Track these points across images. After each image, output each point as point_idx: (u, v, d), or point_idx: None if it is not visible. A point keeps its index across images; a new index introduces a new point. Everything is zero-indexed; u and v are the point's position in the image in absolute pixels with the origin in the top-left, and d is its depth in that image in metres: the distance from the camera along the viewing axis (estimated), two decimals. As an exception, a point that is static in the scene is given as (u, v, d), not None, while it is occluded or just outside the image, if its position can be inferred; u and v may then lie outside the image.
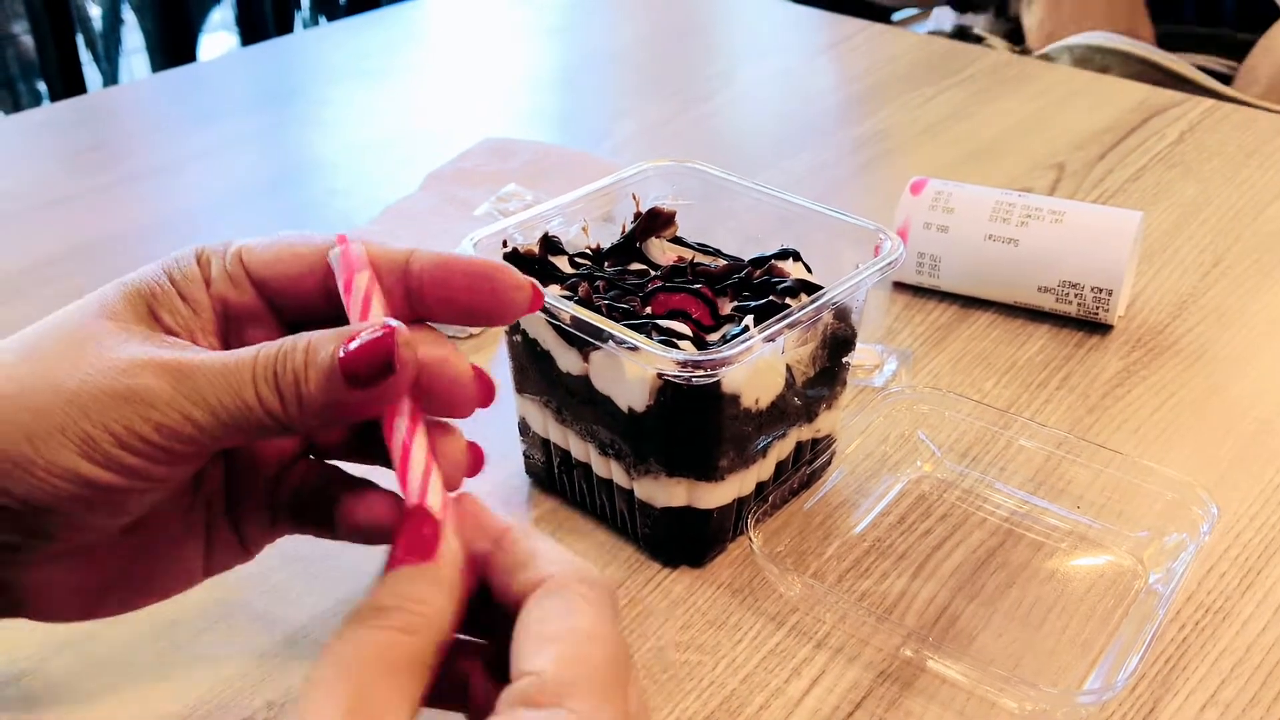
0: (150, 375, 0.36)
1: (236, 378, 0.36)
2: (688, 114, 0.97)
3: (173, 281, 0.39)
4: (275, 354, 0.37)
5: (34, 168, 0.89)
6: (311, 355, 0.36)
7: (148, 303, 0.38)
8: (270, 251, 0.40)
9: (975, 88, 1.00)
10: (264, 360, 0.36)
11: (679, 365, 0.44)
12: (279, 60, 1.14)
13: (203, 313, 0.39)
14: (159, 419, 0.36)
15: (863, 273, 0.50)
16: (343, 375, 0.36)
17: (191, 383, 0.36)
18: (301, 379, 0.36)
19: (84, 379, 0.36)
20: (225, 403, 0.36)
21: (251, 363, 0.36)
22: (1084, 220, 0.66)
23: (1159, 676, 0.46)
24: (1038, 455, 0.56)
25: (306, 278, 0.40)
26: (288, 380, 0.36)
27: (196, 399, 0.36)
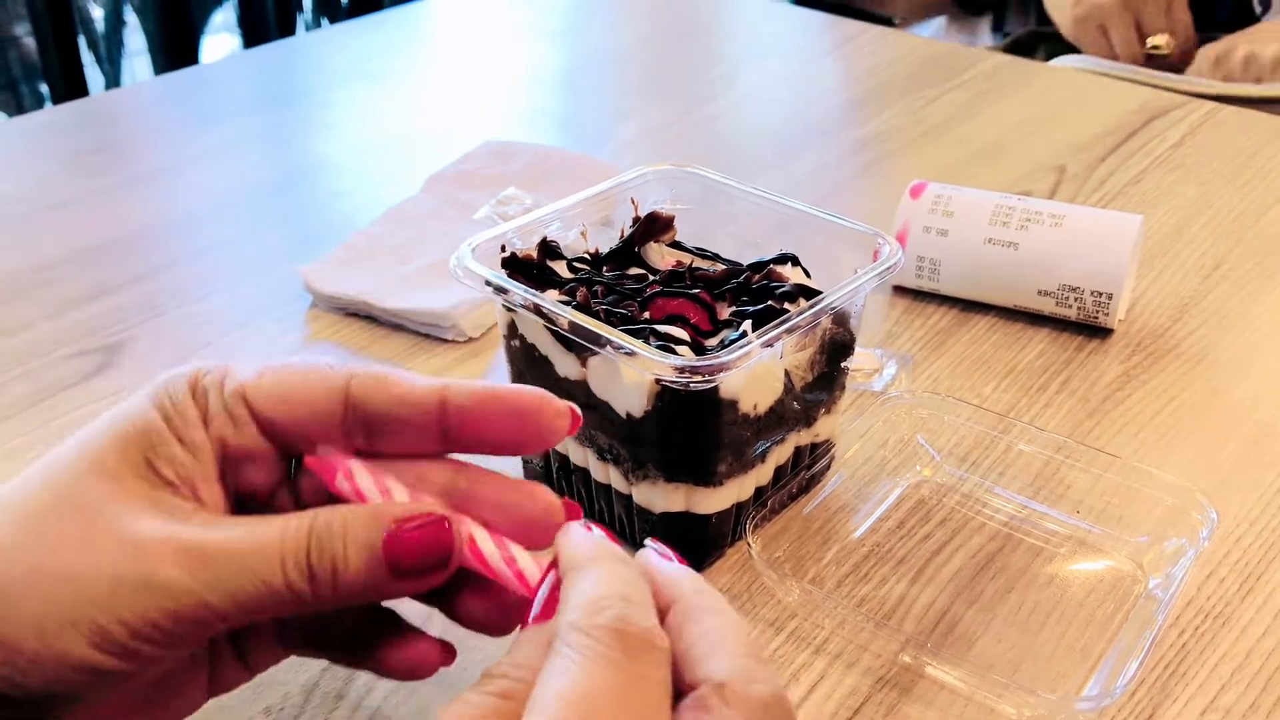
0: (168, 563, 0.34)
1: (262, 563, 0.34)
2: (690, 116, 0.97)
3: (168, 423, 0.37)
4: (307, 538, 0.35)
5: (36, 170, 0.89)
6: (352, 542, 0.35)
7: (144, 454, 0.36)
8: (277, 389, 0.38)
9: (976, 90, 1.00)
10: (293, 544, 0.35)
11: (677, 370, 0.44)
12: (281, 62, 1.14)
13: (203, 458, 0.37)
14: (175, 608, 0.34)
15: (861, 278, 0.50)
16: (387, 566, 0.35)
17: (212, 571, 0.34)
18: (340, 565, 0.35)
19: (94, 565, 0.34)
20: (248, 590, 0.34)
21: (279, 547, 0.35)
22: (1084, 224, 0.66)
23: (1158, 682, 0.46)
24: (1037, 460, 0.55)
25: (315, 419, 0.38)
26: (324, 568, 0.35)
27: (216, 586, 0.34)
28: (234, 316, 0.70)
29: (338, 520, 0.35)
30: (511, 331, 0.52)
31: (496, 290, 0.49)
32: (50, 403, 0.62)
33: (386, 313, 0.67)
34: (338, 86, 1.05)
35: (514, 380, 0.53)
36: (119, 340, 0.67)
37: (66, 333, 0.68)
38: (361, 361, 0.43)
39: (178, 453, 0.36)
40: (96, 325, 0.69)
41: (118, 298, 0.71)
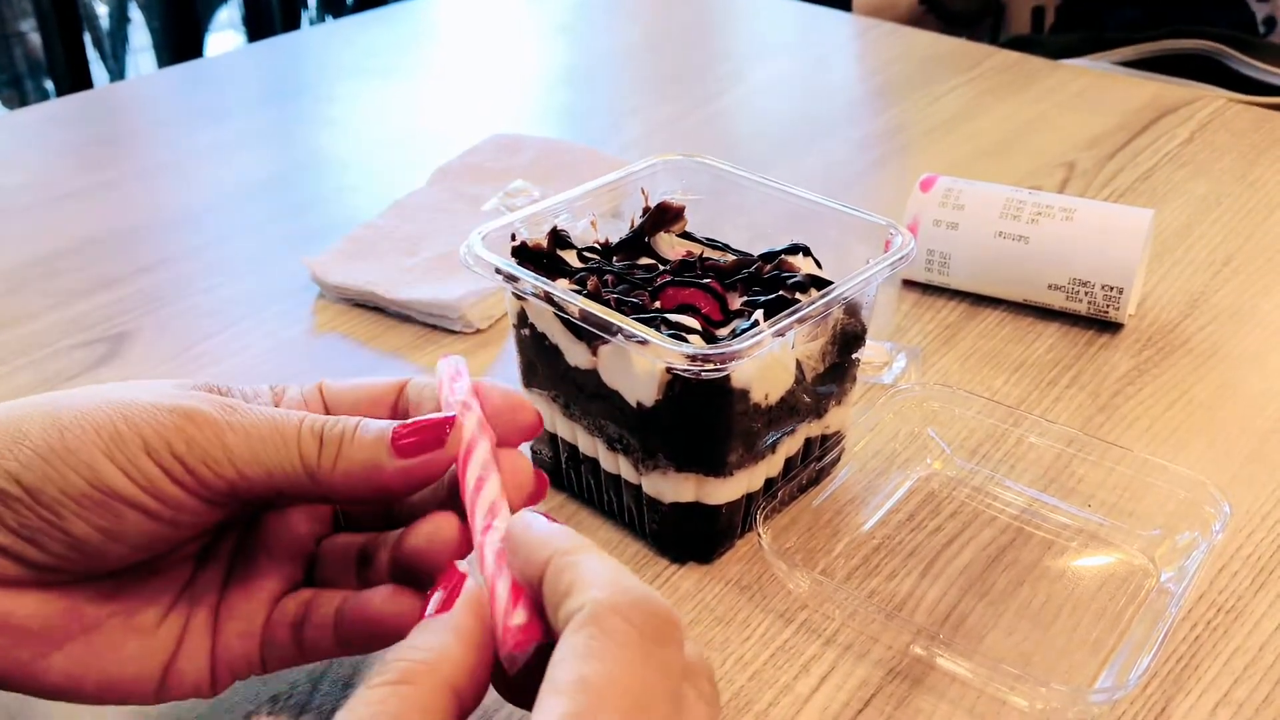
0: (199, 399, 0.37)
1: (282, 421, 0.37)
2: (697, 112, 0.97)
3: (243, 396, 0.40)
4: (325, 416, 0.38)
5: (42, 162, 0.89)
6: (363, 425, 0.38)
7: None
8: (349, 389, 0.42)
9: (985, 86, 0.99)
10: (312, 417, 0.38)
11: (688, 359, 0.43)
12: (287, 56, 1.14)
13: None
14: (196, 436, 0.36)
15: (873, 268, 0.50)
16: (391, 444, 0.37)
17: (237, 414, 0.37)
18: (348, 436, 0.37)
19: (130, 392, 0.37)
20: (264, 435, 0.37)
21: (300, 417, 0.38)
22: (1095, 218, 0.66)
23: (1171, 675, 0.46)
24: (1048, 453, 0.55)
25: (377, 411, 0.41)
26: (333, 433, 0.37)
27: (237, 425, 0.36)
28: (239, 308, 0.69)
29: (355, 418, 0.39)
30: (521, 320, 0.51)
31: (507, 278, 0.49)
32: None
33: (394, 304, 0.67)
34: (343, 81, 1.05)
35: (523, 369, 0.53)
36: (124, 331, 0.67)
37: (71, 323, 0.68)
38: (335, 373, 0.44)
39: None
40: (101, 316, 0.68)
41: (123, 289, 0.71)
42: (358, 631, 0.39)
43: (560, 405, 0.52)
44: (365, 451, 0.37)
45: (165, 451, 0.35)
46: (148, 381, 0.39)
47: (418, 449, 0.37)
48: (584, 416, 0.51)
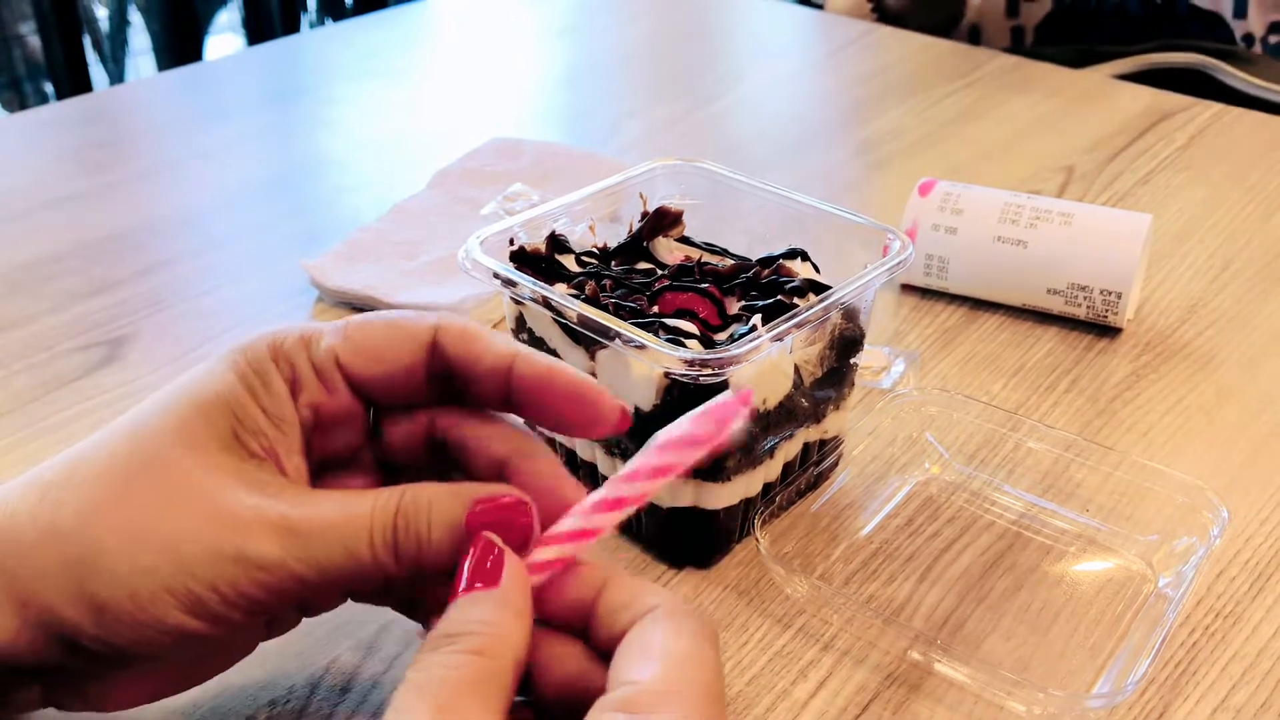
0: (261, 537, 0.35)
1: (351, 537, 0.35)
2: (695, 115, 0.97)
3: (253, 395, 0.37)
4: (394, 514, 0.36)
5: (41, 165, 0.89)
6: (436, 517, 0.36)
7: (231, 427, 0.37)
8: (367, 348, 0.39)
9: (983, 90, 0.99)
10: (381, 519, 0.36)
11: (686, 364, 0.43)
12: (286, 59, 1.14)
13: (289, 430, 0.38)
14: (266, 579, 0.35)
15: (871, 272, 0.50)
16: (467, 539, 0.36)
17: (303, 544, 0.35)
18: (424, 540, 0.36)
19: (190, 533, 0.35)
20: (338, 562, 0.35)
21: (369, 523, 0.36)
22: (1093, 222, 0.66)
23: (1169, 681, 0.46)
24: (1046, 458, 0.55)
25: (404, 373, 0.39)
26: (408, 543, 0.36)
27: (307, 559, 0.35)
28: (239, 310, 0.69)
29: (424, 497, 0.36)
30: (519, 325, 0.51)
31: (505, 283, 0.49)
32: (54, 396, 0.62)
33: (393, 307, 0.67)
34: (343, 83, 1.05)
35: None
36: (124, 334, 0.67)
37: (71, 326, 0.68)
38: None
39: (263, 426, 0.37)
40: (101, 319, 0.68)
41: (122, 292, 0.71)
42: None
43: (558, 409, 0.52)
44: (445, 553, 0.36)
45: (240, 599, 0.35)
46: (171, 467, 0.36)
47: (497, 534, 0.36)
48: (582, 421, 0.51)
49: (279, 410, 0.38)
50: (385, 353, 0.39)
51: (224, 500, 0.35)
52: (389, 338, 0.39)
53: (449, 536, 0.36)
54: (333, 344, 0.39)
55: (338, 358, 0.38)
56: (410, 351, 0.39)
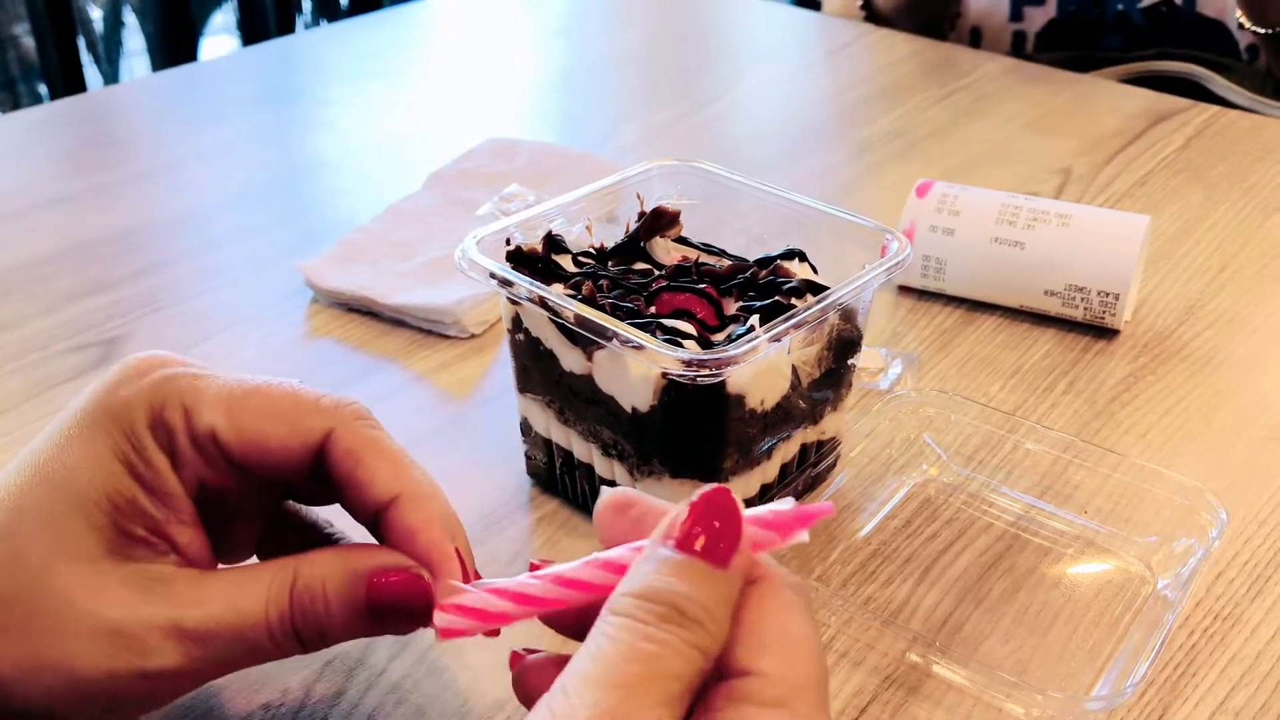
0: (158, 650, 0.34)
1: (251, 635, 0.35)
2: (692, 117, 0.97)
3: (134, 476, 0.36)
4: (288, 604, 0.35)
5: (35, 166, 0.89)
6: (333, 597, 0.35)
7: (112, 520, 0.35)
8: (253, 438, 0.37)
9: (981, 93, 0.99)
10: (277, 612, 0.35)
11: (684, 364, 0.43)
12: (281, 60, 1.14)
13: (175, 504, 0.36)
14: (174, 683, 0.36)
15: (869, 273, 0.49)
16: (370, 617, 0.36)
17: (202, 647, 0.35)
18: (325, 621, 0.36)
19: (86, 663, 0.34)
20: (240, 657, 0.36)
21: (264, 619, 0.35)
22: (1091, 224, 0.65)
23: (1168, 683, 0.46)
24: (1044, 459, 0.55)
25: (293, 459, 0.37)
26: (308, 628, 0.36)
27: (211, 658, 0.35)
28: (233, 312, 0.69)
29: (316, 578, 0.36)
30: (516, 325, 0.51)
31: (502, 283, 0.49)
32: (46, 397, 0.61)
33: (388, 308, 0.67)
34: (338, 84, 1.04)
35: (518, 374, 0.53)
36: (117, 335, 0.67)
37: (64, 327, 0.67)
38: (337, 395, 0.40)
39: (146, 506, 0.36)
40: (95, 320, 0.68)
41: (116, 293, 0.71)
42: None
43: (555, 411, 0.51)
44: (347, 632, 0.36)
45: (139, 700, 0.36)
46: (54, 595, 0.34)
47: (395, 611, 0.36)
48: (578, 422, 0.50)
49: (161, 485, 0.36)
50: (268, 440, 0.37)
51: (113, 617, 0.34)
52: (275, 425, 0.37)
53: (349, 612, 0.36)
54: (212, 421, 0.36)
55: (215, 436, 0.36)
56: (294, 445, 0.37)
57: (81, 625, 0.34)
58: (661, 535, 0.30)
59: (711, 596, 0.29)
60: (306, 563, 0.36)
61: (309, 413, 0.37)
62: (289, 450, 0.37)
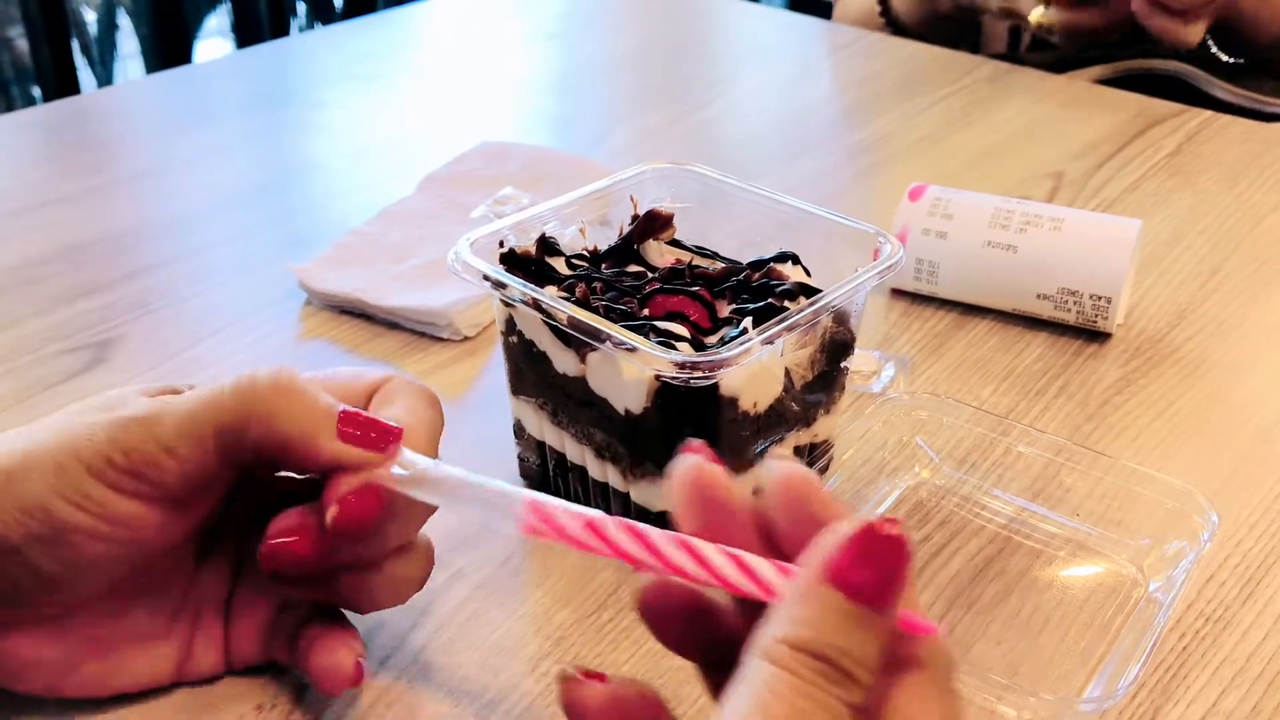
0: (133, 405, 0.37)
1: (208, 393, 0.38)
2: (685, 121, 0.97)
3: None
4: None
5: (29, 167, 0.88)
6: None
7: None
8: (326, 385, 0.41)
9: (973, 97, 0.99)
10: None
11: (677, 366, 0.43)
12: (275, 63, 1.14)
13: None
14: (129, 440, 0.36)
15: (862, 275, 0.49)
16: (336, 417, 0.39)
17: (166, 405, 0.37)
18: (285, 390, 0.38)
19: (71, 420, 0.37)
20: (195, 415, 0.37)
21: (224, 384, 0.38)
22: (1083, 228, 0.66)
23: (1159, 685, 0.46)
24: (1037, 462, 0.55)
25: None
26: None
27: (167, 417, 0.37)
28: (226, 314, 0.69)
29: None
30: (509, 328, 0.51)
31: (495, 285, 0.49)
32: (38, 399, 0.61)
33: (382, 311, 0.67)
34: (331, 87, 1.04)
35: (511, 377, 0.53)
36: (110, 337, 0.67)
37: (56, 329, 0.67)
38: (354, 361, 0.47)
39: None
40: (87, 322, 0.68)
41: (108, 295, 0.71)
42: None
43: (548, 413, 0.51)
44: (305, 417, 0.38)
45: (106, 468, 0.36)
46: (99, 398, 0.39)
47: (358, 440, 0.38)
48: (572, 424, 0.50)
49: None
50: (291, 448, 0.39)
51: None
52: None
53: (313, 405, 0.38)
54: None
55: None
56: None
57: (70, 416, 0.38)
58: (820, 571, 0.28)
59: (868, 646, 0.27)
60: None
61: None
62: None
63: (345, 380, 0.42)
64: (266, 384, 0.38)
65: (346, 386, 0.41)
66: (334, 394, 0.40)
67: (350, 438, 0.38)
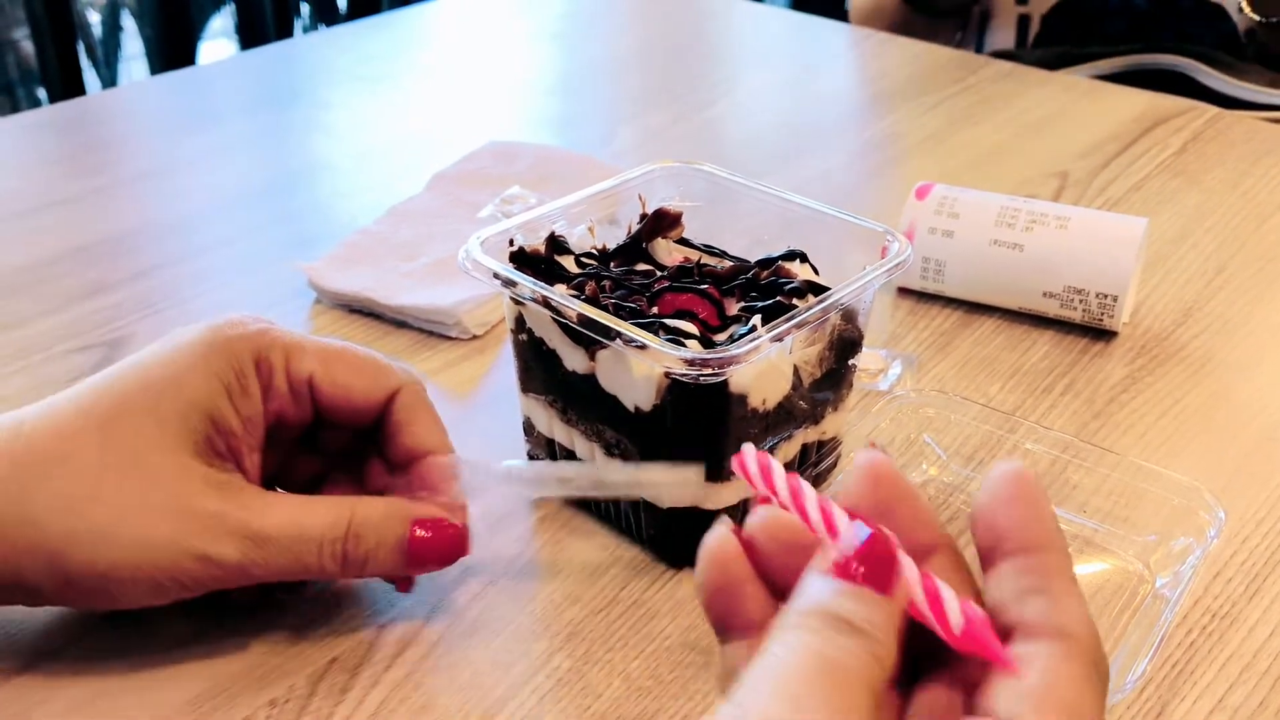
0: (223, 542, 0.40)
1: (302, 551, 0.42)
2: (690, 120, 0.97)
3: (231, 400, 0.42)
4: (344, 535, 0.42)
5: (35, 168, 0.89)
6: (383, 541, 0.43)
7: (206, 431, 0.42)
8: (341, 383, 0.45)
9: (978, 96, 1.00)
10: (331, 536, 0.42)
11: (687, 363, 0.44)
12: (280, 64, 1.14)
13: (254, 430, 0.43)
14: (222, 575, 0.41)
15: (870, 273, 0.50)
16: (409, 563, 0.44)
17: (260, 551, 0.41)
18: (372, 557, 0.43)
19: (159, 538, 0.40)
20: (287, 568, 0.42)
21: (319, 539, 0.42)
22: (1089, 226, 0.66)
23: (1166, 680, 0.46)
24: (1044, 459, 0.55)
25: (364, 414, 0.46)
26: (355, 559, 0.43)
27: (263, 564, 0.41)
28: (235, 313, 0.69)
29: (372, 518, 0.43)
30: (519, 326, 0.51)
31: (505, 283, 0.49)
32: (48, 397, 0.61)
33: (391, 310, 0.67)
34: (337, 88, 1.05)
35: (521, 374, 0.53)
36: (120, 336, 0.67)
37: (65, 328, 0.67)
38: (400, 363, 0.48)
39: (234, 427, 0.42)
40: (97, 321, 0.68)
41: (117, 294, 0.71)
42: None
43: (558, 410, 0.52)
44: (386, 569, 0.44)
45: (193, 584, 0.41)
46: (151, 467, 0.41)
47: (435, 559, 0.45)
48: (581, 421, 0.51)
49: (250, 412, 0.43)
50: (354, 389, 0.45)
51: (191, 504, 0.40)
52: (359, 377, 0.45)
53: (392, 556, 0.43)
54: (312, 367, 0.44)
55: (312, 380, 0.44)
56: (373, 396, 0.45)
57: (163, 506, 0.40)
58: (821, 565, 0.29)
59: (875, 614, 0.27)
60: (363, 502, 0.43)
61: (386, 373, 0.46)
62: (368, 400, 0.45)
63: (371, 379, 0.46)
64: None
65: (369, 393, 0.46)
66: (356, 392, 0.45)
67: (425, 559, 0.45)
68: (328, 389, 0.44)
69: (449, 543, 0.44)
